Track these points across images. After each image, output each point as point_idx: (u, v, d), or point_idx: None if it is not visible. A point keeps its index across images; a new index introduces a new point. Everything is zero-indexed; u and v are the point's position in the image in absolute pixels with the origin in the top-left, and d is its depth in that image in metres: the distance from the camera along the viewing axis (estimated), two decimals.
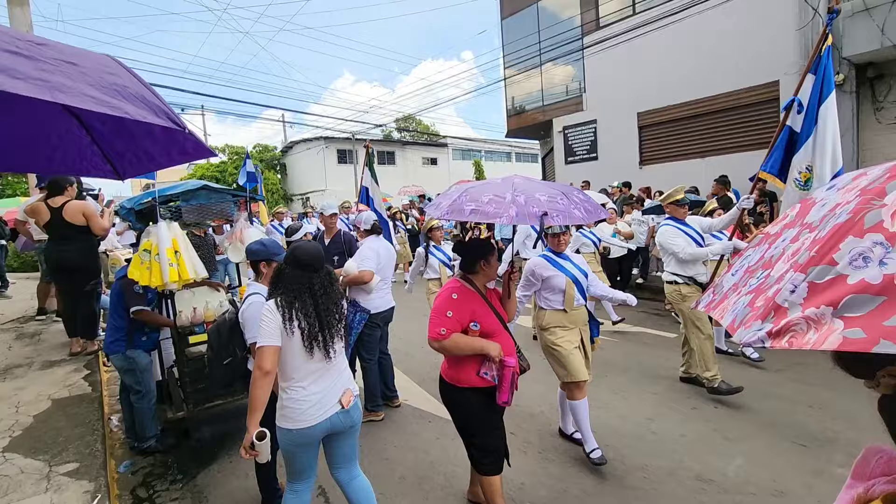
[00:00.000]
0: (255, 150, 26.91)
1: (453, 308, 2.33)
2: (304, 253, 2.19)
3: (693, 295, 4.14)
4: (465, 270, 2.52)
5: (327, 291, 2.19)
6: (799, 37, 7.87)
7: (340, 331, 2.22)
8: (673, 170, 9.75)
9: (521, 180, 2.37)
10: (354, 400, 2.26)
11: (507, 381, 2.29)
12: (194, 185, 3.73)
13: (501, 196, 2.15)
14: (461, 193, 2.26)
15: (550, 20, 12.32)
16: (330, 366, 2.19)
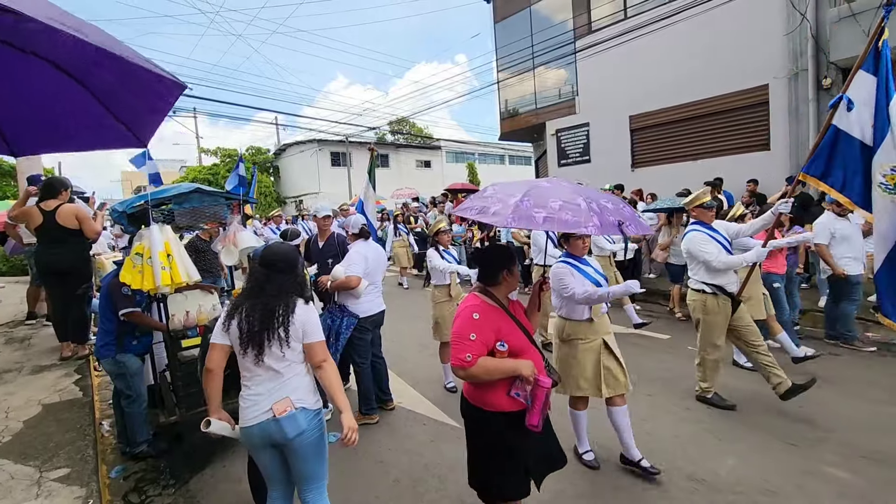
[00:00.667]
0: (248, 153, 26.79)
1: (476, 329, 2.05)
2: (270, 252, 2.20)
3: (717, 309, 3.89)
4: (487, 282, 2.25)
5: (279, 293, 2.09)
6: (787, 41, 7.98)
7: (280, 338, 2.05)
8: (665, 172, 9.84)
9: (569, 184, 2.22)
10: (291, 414, 2.05)
11: (539, 402, 2.06)
12: (187, 187, 3.71)
13: (575, 203, 1.96)
14: (523, 197, 2.00)
15: (543, 24, 12.40)
16: (273, 371, 2.08)
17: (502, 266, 2.22)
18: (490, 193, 2.24)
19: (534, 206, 1.95)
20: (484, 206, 2.12)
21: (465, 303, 2.21)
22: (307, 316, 2.12)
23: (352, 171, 25.04)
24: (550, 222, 1.89)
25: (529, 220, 1.92)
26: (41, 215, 4.62)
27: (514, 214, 1.93)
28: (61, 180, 4.74)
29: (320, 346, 2.15)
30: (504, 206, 1.99)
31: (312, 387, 2.19)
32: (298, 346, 2.12)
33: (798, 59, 7.87)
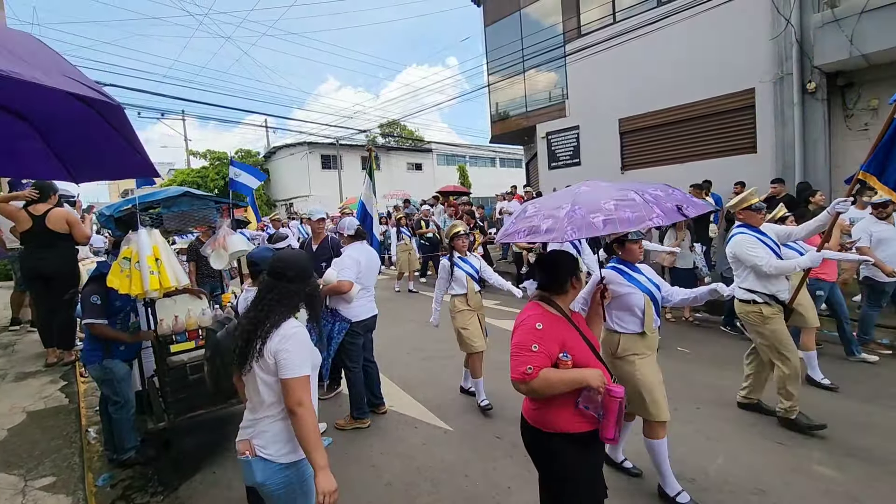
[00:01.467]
0: (238, 156, 26.60)
1: (539, 340, 1.89)
2: (278, 260, 1.97)
3: (776, 316, 3.58)
4: (552, 290, 2.08)
5: (276, 306, 1.84)
6: (772, 46, 8.11)
7: (258, 349, 1.78)
8: (654, 175, 9.92)
9: (608, 183, 2.14)
10: (247, 460, 1.81)
11: (613, 413, 1.87)
12: (176, 191, 3.68)
13: (629, 199, 1.87)
14: (573, 207, 1.89)
15: (533, 27, 12.48)
16: (251, 396, 1.86)
17: (570, 273, 2.06)
18: (533, 212, 2.10)
19: (588, 212, 1.84)
20: (532, 227, 2.01)
21: (526, 312, 2.05)
22: (284, 344, 1.77)
23: (342, 174, 24.97)
24: (612, 224, 1.78)
25: (589, 227, 1.81)
26: (30, 219, 4.56)
27: (571, 226, 1.81)
28: (50, 184, 4.68)
29: (298, 385, 1.75)
30: (556, 221, 1.88)
31: (285, 436, 1.83)
32: (270, 380, 1.80)
33: (783, 63, 8.00)
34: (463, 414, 4.17)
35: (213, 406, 3.63)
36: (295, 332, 1.82)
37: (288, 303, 1.87)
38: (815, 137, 7.79)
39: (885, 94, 7.22)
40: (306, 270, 1.98)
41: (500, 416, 4.10)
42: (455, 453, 3.54)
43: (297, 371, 1.76)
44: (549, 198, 2.21)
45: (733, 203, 3.88)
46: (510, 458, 3.43)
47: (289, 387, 1.75)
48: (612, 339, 2.89)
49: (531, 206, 2.18)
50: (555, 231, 1.87)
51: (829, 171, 7.73)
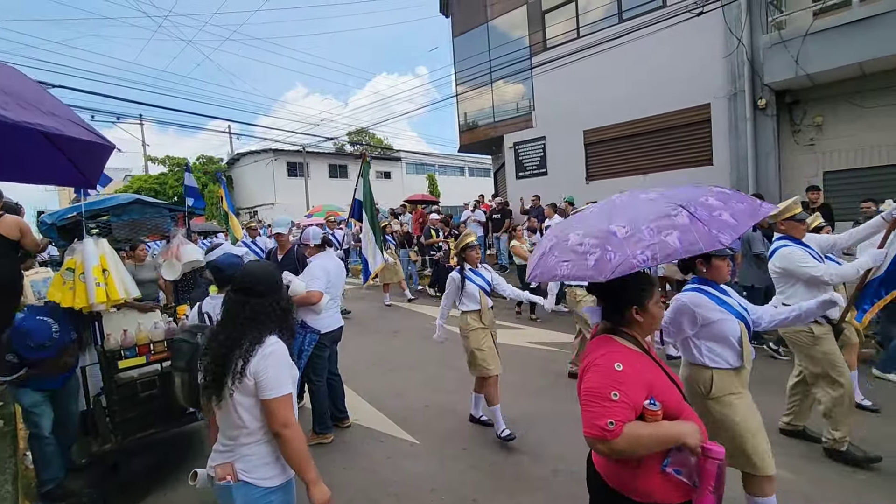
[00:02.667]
0: (199, 162, 25.76)
1: (620, 385, 1.47)
2: (246, 274, 1.84)
3: (826, 335, 3.23)
4: (624, 320, 1.66)
5: (252, 323, 1.73)
6: (726, 64, 8.49)
7: (232, 367, 1.67)
8: (617, 185, 10.14)
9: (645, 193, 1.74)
10: (227, 485, 1.68)
11: (712, 478, 1.48)
12: (126, 198, 3.49)
13: (705, 204, 1.52)
14: (640, 227, 1.49)
15: (500, 39, 12.67)
16: (233, 419, 1.70)
17: (647, 296, 1.64)
18: (577, 240, 1.59)
19: (658, 230, 1.46)
20: (578, 261, 1.53)
21: (599, 348, 1.63)
22: (264, 363, 1.67)
23: (309, 182, 24.56)
24: (686, 245, 1.41)
25: (665, 248, 1.41)
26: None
27: (643, 252, 1.41)
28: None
29: (282, 404, 1.67)
30: (618, 246, 1.46)
31: (270, 458, 1.74)
32: (249, 402, 1.68)
33: (736, 80, 8.39)
34: (429, 426, 4.11)
35: (166, 425, 3.44)
36: (273, 349, 1.72)
37: (265, 319, 1.76)
38: (766, 151, 8.18)
39: (829, 111, 7.67)
40: (277, 283, 1.87)
41: (466, 426, 4.05)
42: (421, 466, 3.47)
43: (279, 390, 1.68)
44: (590, 219, 1.72)
45: (774, 213, 3.50)
46: (477, 469, 3.39)
47: (272, 408, 1.67)
48: (701, 377, 2.38)
49: (575, 235, 1.62)
50: (618, 259, 1.44)
51: (780, 182, 8.13)
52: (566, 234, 1.66)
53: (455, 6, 14.17)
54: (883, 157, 7.26)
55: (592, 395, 1.50)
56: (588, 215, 1.80)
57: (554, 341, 6.38)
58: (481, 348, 3.81)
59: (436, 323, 4.10)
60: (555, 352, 5.96)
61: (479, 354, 3.80)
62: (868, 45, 6.49)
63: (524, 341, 6.45)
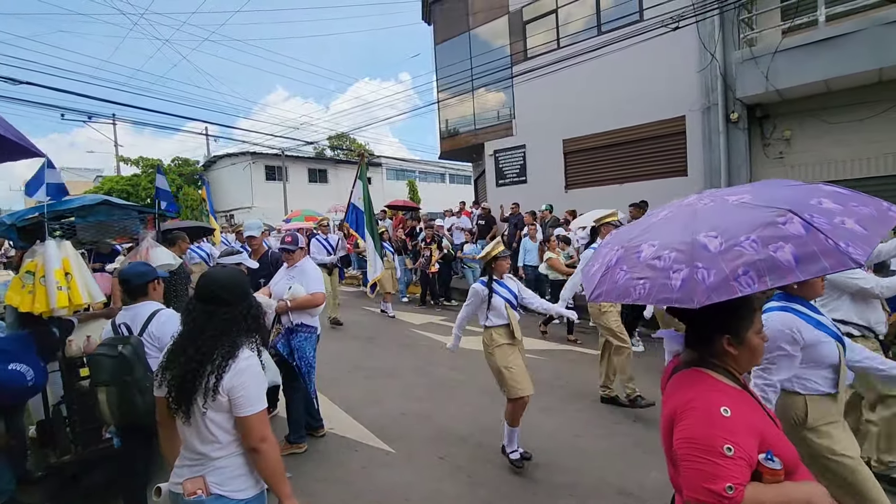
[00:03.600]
0: (175, 164, 25.18)
1: (732, 436, 1.18)
2: (209, 281, 1.72)
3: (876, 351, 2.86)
4: (716, 351, 1.35)
5: (226, 332, 1.65)
6: (700, 78, 8.73)
7: (204, 382, 1.58)
8: (595, 194, 10.33)
9: (736, 198, 1.35)
10: (199, 499, 1.60)
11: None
12: (93, 199, 3.35)
13: (785, 230, 1.14)
14: (722, 248, 1.15)
15: (482, 48, 12.78)
16: (202, 432, 1.62)
17: (746, 324, 1.33)
18: (652, 252, 1.27)
19: (762, 242, 1.13)
20: (659, 279, 1.20)
21: (689, 385, 1.32)
22: (240, 378, 1.60)
23: (288, 186, 24.24)
24: (810, 258, 1.08)
25: (775, 268, 1.09)
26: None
27: (750, 272, 1.09)
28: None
29: (258, 420, 1.62)
30: (710, 261, 1.14)
31: (244, 470, 1.67)
32: (221, 417, 1.61)
33: (710, 94, 8.62)
34: (406, 435, 4.05)
35: None
36: (248, 363, 1.65)
37: (236, 330, 1.67)
38: (738, 163, 8.42)
39: (797, 125, 7.94)
40: (244, 288, 1.77)
41: (443, 436, 4.01)
42: (396, 476, 3.41)
43: (255, 406, 1.62)
44: (659, 228, 1.40)
45: None
46: (454, 479, 3.34)
47: (249, 425, 1.61)
48: (793, 405, 2.10)
49: (648, 247, 1.31)
50: (713, 280, 1.12)
51: None
52: (636, 244, 1.35)
53: (437, 14, 14.25)
54: (847, 171, 7.54)
55: (699, 449, 1.20)
56: (660, 222, 1.45)
57: (537, 349, 6.39)
58: (509, 366, 3.43)
59: (453, 332, 3.89)
60: (538, 360, 5.97)
61: (508, 373, 3.43)
62: (833, 64, 6.76)
63: None
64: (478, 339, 7.20)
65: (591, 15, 10.46)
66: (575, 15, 10.77)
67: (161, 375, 1.69)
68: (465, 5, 13.11)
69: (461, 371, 5.58)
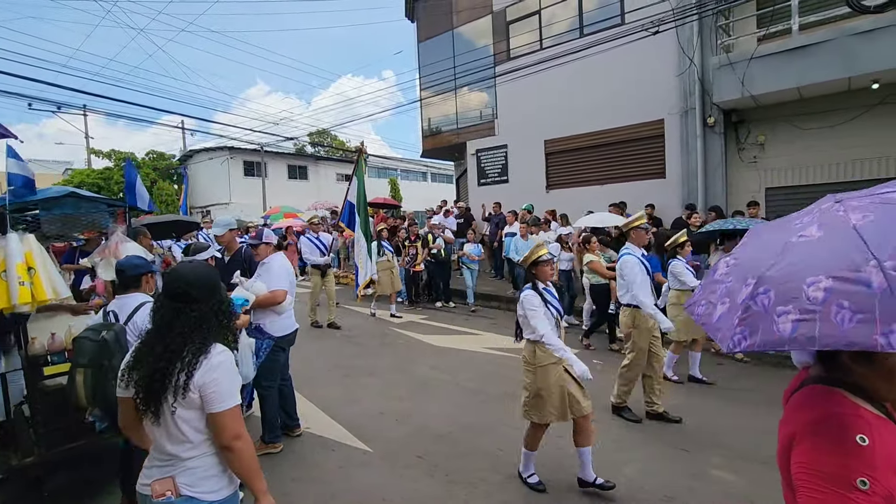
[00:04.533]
0: (149, 158, 24.53)
1: (871, 469, 0.99)
2: (176, 277, 1.68)
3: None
4: (848, 368, 1.11)
5: (197, 329, 1.61)
6: (679, 82, 8.90)
7: (174, 380, 1.54)
8: (575, 195, 10.45)
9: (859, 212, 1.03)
10: (167, 501, 1.55)
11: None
12: (59, 191, 3.22)
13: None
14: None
15: (465, 47, 12.78)
16: (172, 432, 1.58)
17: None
18: (817, 286, 0.94)
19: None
20: (828, 316, 0.89)
21: (818, 403, 1.13)
22: (213, 374, 1.56)
23: (267, 182, 23.85)
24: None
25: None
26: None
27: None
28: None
29: (231, 416, 1.58)
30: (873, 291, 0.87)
31: (216, 470, 1.64)
32: (192, 415, 1.57)
33: (688, 98, 8.80)
34: (384, 434, 4.01)
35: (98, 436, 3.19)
36: (222, 359, 1.62)
37: (207, 326, 1.63)
38: (714, 166, 8.61)
39: (770, 131, 8.16)
40: (214, 283, 1.73)
41: (422, 434, 3.99)
42: (374, 476, 3.38)
43: (228, 402, 1.58)
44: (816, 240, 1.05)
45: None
46: (430, 477, 3.33)
47: (222, 422, 1.57)
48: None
49: (812, 276, 0.96)
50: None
51: (725, 198, 8.56)
52: (785, 273, 1.01)
53: (421, 12, 14.20)
54: (818, 176, 7.79)
55: (824, 478, 1.02)
56: (807, 244, 1.06)
57: (511, 347, 6.41)
58: (550, 390, 3.04)
59: (564, 356, 3.01)
60: (513, 357, 5.98)
61: (547, 395, 3.05)
62: (806, 71, 6.96)
63: (480, 347, 6.45)
64: (457, 338, 7.19)
65: (573, 17, 10.56)
66: (558, 16, 10.86)
67: (127, 375, 1.63)
68: (449, 3, 13.10)
69: (441, 370, 5.56)
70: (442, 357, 6.10)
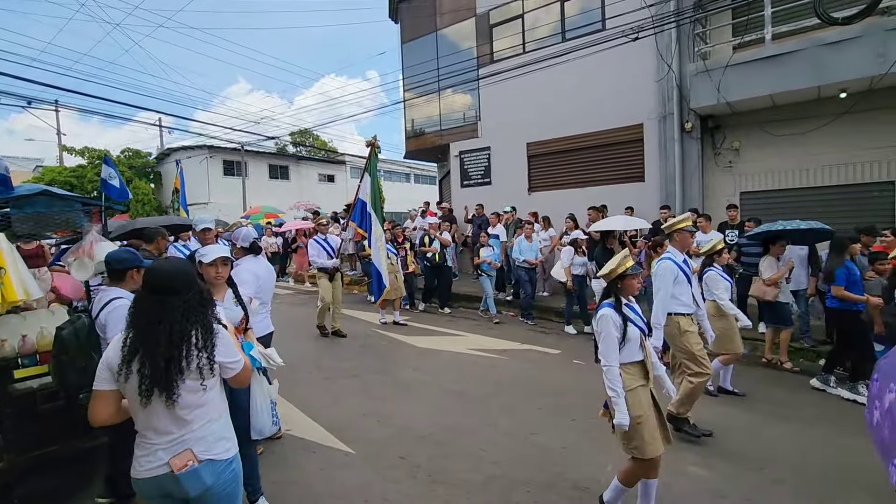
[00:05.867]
0: (125, 156, 23.93)
1: None
2: (157, 274, 1.79)
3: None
4: None
5: (188, 317, 1.75)
6: (658, 87, 9.09)
7: (194, 365, 1.72)
8: (557, 197, 10.57)
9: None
10: (193, 469, 1.72)
11: None
12: (31, 189, 3.12)
13: None
14: None
15: (449, 49, 12.82)
16: (180, 419, 1.75)
17: None
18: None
19: None
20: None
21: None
22: (226, 353, 1.85)
23: (247, 182, 23.50)
24: None
25: None
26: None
27: None
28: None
29: (244, 370, 1.97)
30: None
31: (224, 432, 1.86)
32: (216, 389, 1.84)
33: (666, 103, 8.99)
34: (366, 435, 4.00)
35: (70, 440, 3.11)
36: (225, 335, 1.89)
37: (196, 313, 1.78)
38: (691, 171, 8.81)
39: (745, 137, 8.40)
40: (191, 275, 1.87)
41: (403, 436, 3.99)
42: (355, 477, 3.36)
43: (240, 361, 1.92)
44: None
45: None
46: (413, 478, 3.33)
47: (245, 375, 1.98)
48: None
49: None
50: None
51: (702, 202, 8.77)
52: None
53: (405, 13, 14.18)
54: (789, 181, 8.04)
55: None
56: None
57: (494, 348, 6.46)
58: (643, 418, 2.65)
59: (613, 398, 2.64)
60: (495, 359, 6.03)
61: (641, 427, 2.64)
62: (778, 80, 7.19)
63: (464, 348, 6.48)
64: (441, 339, 7.20)
65: (556, 22, 10.69)
66: (541, 21, 10.98)
67: (126, 368, 1.68)
68: (433, 5, 13.12)
69: (424, 372, 5.56)
70: (425, 359, 6.10)
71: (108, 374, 1.72)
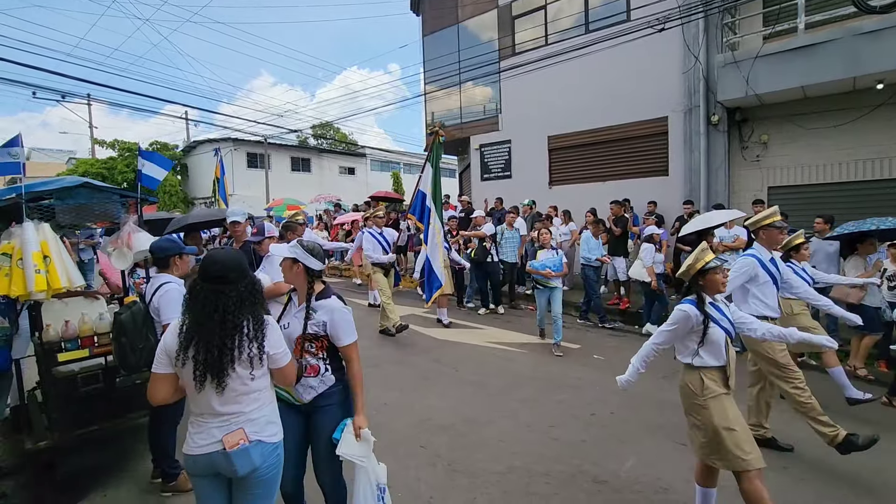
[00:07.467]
0: (152, 148, 24.57)
1: None
2: (213, 262, 1.87)
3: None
4: None
5: (241, 307, 1.83)
6: (684, 80, 8.90)
7: (245, 354, 1.81)
8: (578, 191, 10.48)
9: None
10: (244, 448, 1.81)
11: None
12: (72, 181, 3.28)
13: None
14: None
15: (470, 41, 12.77)
16: (230, 398, 1.83)
17: None
18: None
19: None
20: None
21: None
22: (275, 344, 1.92)
23: (270, 174, 23.90)
24: None
25: None
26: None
27: None
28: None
29: (292, 364, 2.04)
30: None
31: (273, 417, 1.96)
32: (264, 377, 1.92)
33: (692, 96, 8.80)
34: (386, 424, 4.07)
35: (109, 421, 3.27)
36: (275, 326, 1.98)
37: (248, 303, 1.85)
38: (717, 165, 8.63)
39: (774, 130, 8.17)
40: (244, 265, 1.94)
41: (424, 426, 4.06)
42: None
43: (288, 354, 2.00)
44: None
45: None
46: (432, 467, 3.40)
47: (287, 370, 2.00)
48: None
49: None
50: None
51: (728, 197, 8.59)
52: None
53: (426, 5, 14.16)
54: (820, 176, 7.81)
55: None
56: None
57: (513, 342, 6.49)
58: (732, 426, 2.41)
59: (632, 363, 2.76)
60: (514, 352, 6.07)
61: (731, 437, 2.39)
62: (810, 71, 6.97)
63: (483, 341, 6.52)
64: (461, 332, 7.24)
65: (579, 13, 10.54)
66: (563, 12, 10.83)
67: (183, 354, 1.78)
68: None
69: (443, 363, 5.64)
70: (444, 350, 6.17)
71: (165, 358, 1.82)
